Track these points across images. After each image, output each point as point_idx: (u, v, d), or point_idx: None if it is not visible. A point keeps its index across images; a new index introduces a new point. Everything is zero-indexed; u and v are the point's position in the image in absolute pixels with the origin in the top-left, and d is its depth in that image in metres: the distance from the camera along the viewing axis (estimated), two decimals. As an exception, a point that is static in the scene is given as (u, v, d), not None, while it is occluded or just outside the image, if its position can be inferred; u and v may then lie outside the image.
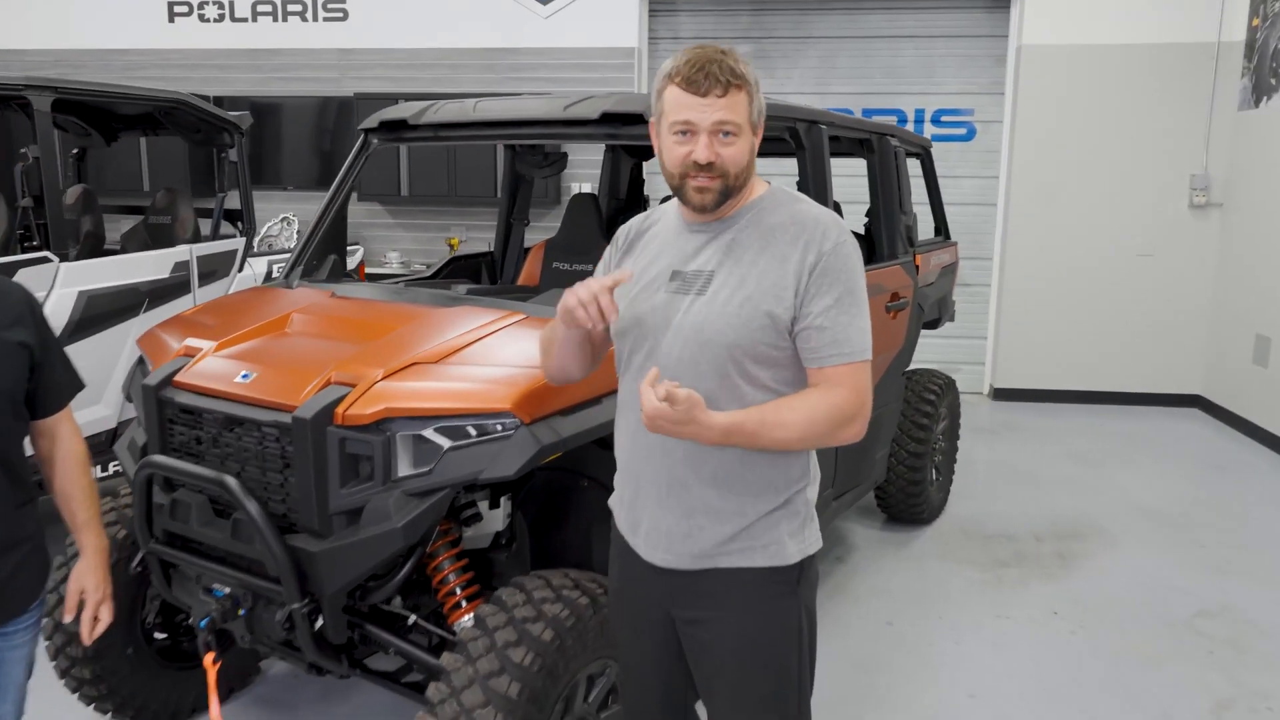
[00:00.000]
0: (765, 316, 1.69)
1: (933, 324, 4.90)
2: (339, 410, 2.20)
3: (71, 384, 2.00)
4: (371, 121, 3.35)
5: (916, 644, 3.63)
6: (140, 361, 2.81)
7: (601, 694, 2.35)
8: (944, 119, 7.53)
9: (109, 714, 2.92)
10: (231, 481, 2.23)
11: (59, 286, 3.89)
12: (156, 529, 2.48)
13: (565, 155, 4.20)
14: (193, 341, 2.63)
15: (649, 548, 1.84)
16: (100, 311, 4.02)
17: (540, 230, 7.27)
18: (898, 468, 4.53)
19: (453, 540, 2.49)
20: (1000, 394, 7.55)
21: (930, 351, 7.23)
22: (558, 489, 2.71)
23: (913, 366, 4.68)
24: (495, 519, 2.63)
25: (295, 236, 7.57)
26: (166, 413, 2.48)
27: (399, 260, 7.66)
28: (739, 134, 1.69)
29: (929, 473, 4.69)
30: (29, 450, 1.92)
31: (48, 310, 3.85)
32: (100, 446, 4.10)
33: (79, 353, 3.96)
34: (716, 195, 1.72)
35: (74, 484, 1.99)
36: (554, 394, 2.23)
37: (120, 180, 7.65)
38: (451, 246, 7.67)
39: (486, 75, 7.56)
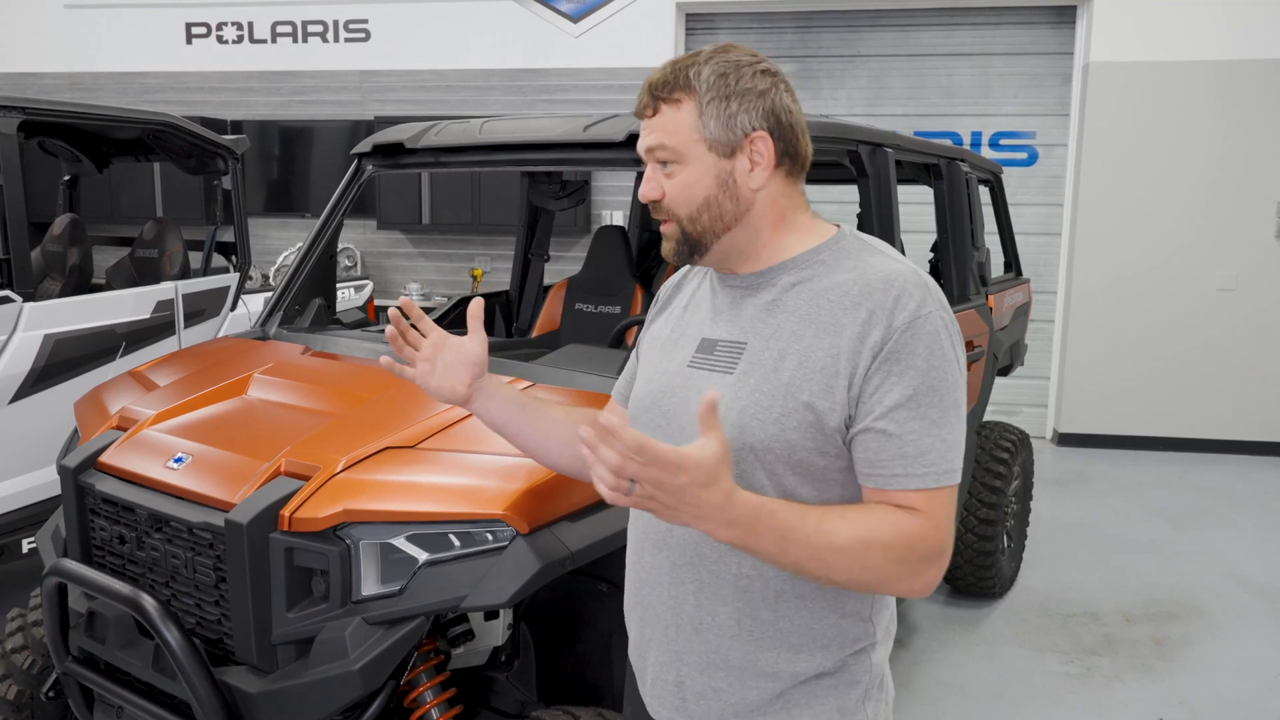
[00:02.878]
0: (805, 410, 1.18)
1: (1004, 371, 4.35)
2: (286, 511, 1.72)
3: None
4: (364, 146, 2.91)
5: (999, 760, 3.07)
6: (76, 432, 2.36)
7: None
8: (1003, 142, 6.98)
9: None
10: (148, 601, 1.75)
11: (22, 329, 3.47)
12: (73, 646, 2.01)
13: (586, 184, 3.71)
14: (130, 409, 2.17)
15: (655, 700, 1.36)
16: (69, 357, 3.60)
17: (570, 262, 6.83)
18: (966, 536, 3.97)
19: (438, 664, 2.00)
20: (1065, 439, 6.94)
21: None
22: (570, 594, 2.20)
23: (983, 419, 4.13)
24: (493, 632, 2.12)
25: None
26: (87, 502, 2.02)
27: (419, 292, 7.23)
28: (681, 160, 1.24)
29: (1000, 541, 4.12)
30: None
31: (8, 355, 3.45)
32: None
33: (43, 403, 3.55)
34: (674, 244, 1.28)
35: None
36: (563, 493, 1.73)
37: (135, 208, 7.34)
38: (475, 278, 7.24)
39: (514, 97, 7.15)
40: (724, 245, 1.28)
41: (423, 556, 1.71)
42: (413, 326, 1.44)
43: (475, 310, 1.47)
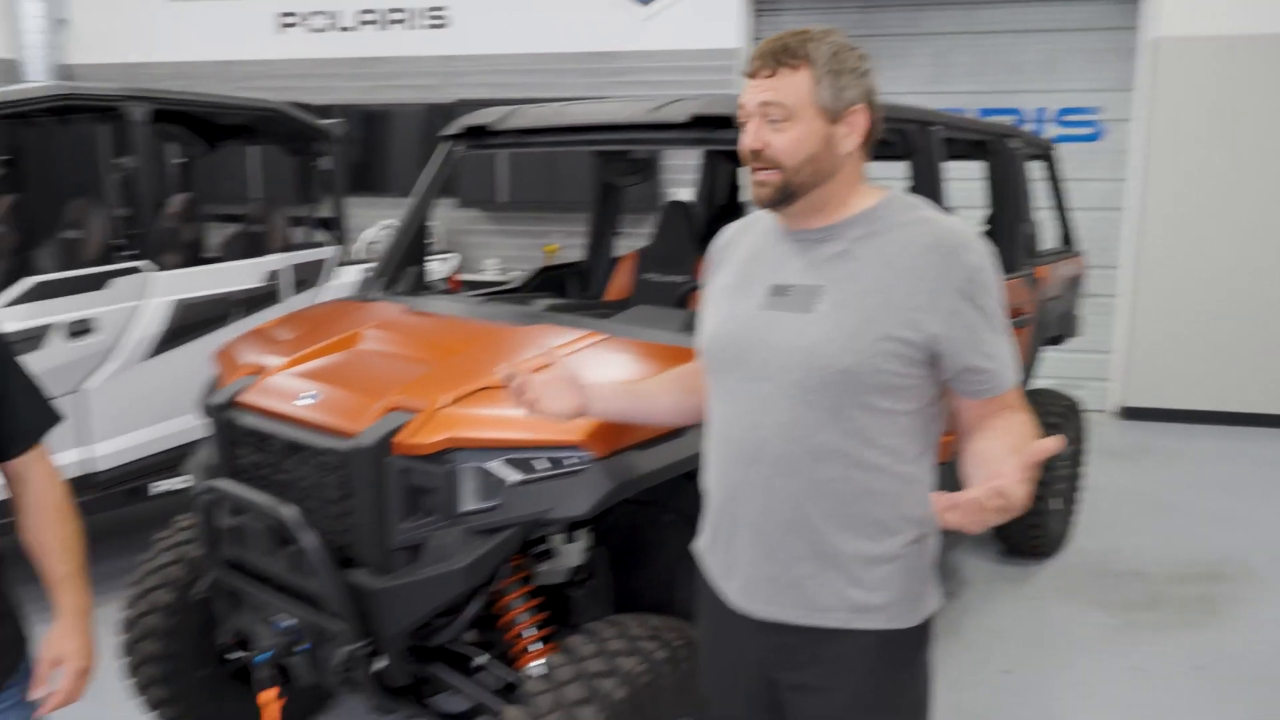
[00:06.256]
0: (892, 342, 1.46)
1: (1055, 341, 4.51)
2: (399, 439, 2.05)
3: (43, 419, 1.70)
4: (453, 128, 3.22)
5: (1038, 697, 3.28)
6: (215, 379, 2.73)
7: (681, 757, 2.13)
8: (1068, 118, 7.03)
9: (185, 734, 2.85)
10: (289, 512, 2.10)
11: (153, 296, 3.90)
12: (222, 554, 2.38)
13: (653, 162, 3.99)
14: (261, 358, 2.53)
15: (746, 597, 1.62)
16: (191, 321, 4.02)
17: (639, 237, 7.11)
18: (1016, 497, 4.15)
19: (524, 577, 2.32)
20: (1130, 413, 7.00)
21: (1047, 366, 6.73)
22: (640, 523, 2.50)
23: (1032, 386, 4.30)
24: (572, 553, 2.44)
25: (395, 243, 7.58)
26: (231, 434, 2.38)
27: (496, 267, 7.60)
28: (790, 119, 1.48)
29: (1049, 502, 4.30)
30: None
31: (142, 319, 3.87)
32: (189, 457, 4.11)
33: (170, 362, 3.97)
34: (772, 190, 1.52)
35: (50, 535, 1.70)
36: (631, 425, 2.02)
37: (232, 188, 7.82)
38: (549, 253, 7.57)
39: (586, 80, 7.44)
40: (811, 198, 1.53)
41: (514, 477, 2.02)
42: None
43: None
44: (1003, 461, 1.32)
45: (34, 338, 3.53)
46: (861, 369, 1.46)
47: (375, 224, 7.85)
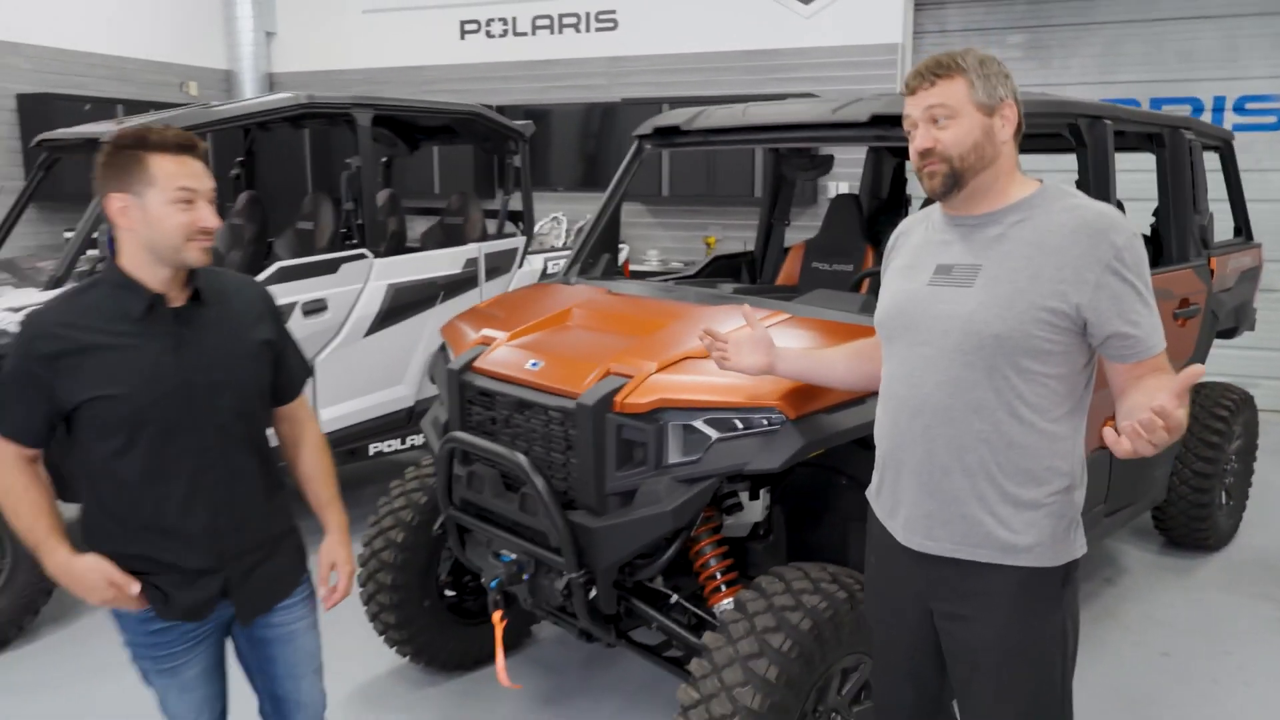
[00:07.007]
0: (1041, 310, 1.69)
1: (1229, 333, 4.48)
2: (617, 399, 2.39)
3: (304, 369, 2.10)
4: (645, 128, 3.55)
5: (1198, 680, 3.35)
6: (442, 348, 3.16)
7: (855, 688, 2.39)
8: (1249, 106, 6.79)
9: (408, 657, 3.32)
10: (523, 459, 2.48)
11: (372, 279, 4.43)
12: (455, 497, 2.79)
13: (831, 157, 4.24)
14: (488, 331, 2.93)
15: (907, 532, 1.87)
16: (404, 302, 4.53)
17: (796, 230, 7.32)
18: (1180, 488, 4.18)
19: (715, 527, 2.62)
20: (1309, 414, 6.72)
21: (1224, 363, 6.55)
22: (816, 486, 2.77)
23: (1203, 379, 4.29)
24: (754, 510, 2.74)
25: (564, 235, 8.06)
26: (466, 394, 2.78)
27: (658, 258, 7.96)
28: (955, 116, 1.74)
29: (1217, 495, 4.29)
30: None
31: (364, 300, 4.40)
32: (399, 422, 4.63)
33: (385, 339, 4.49)
34: (943, 179, 1.76)
35: (316, 465, 2.10)
36: (818, 392, 2.29)
37: (418, 184, 8.47)
38: (708, 245, 7.87)
39: (748, 77, 7.68)
40: (975, 183, 1.77)
41: (715, 435, 2.33)
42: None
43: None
44: (1154, 396, 1.51)
45: (280, 314, 4.09)
46: (1012, 334, 1.70)
47: (545, 217, 8.36)
